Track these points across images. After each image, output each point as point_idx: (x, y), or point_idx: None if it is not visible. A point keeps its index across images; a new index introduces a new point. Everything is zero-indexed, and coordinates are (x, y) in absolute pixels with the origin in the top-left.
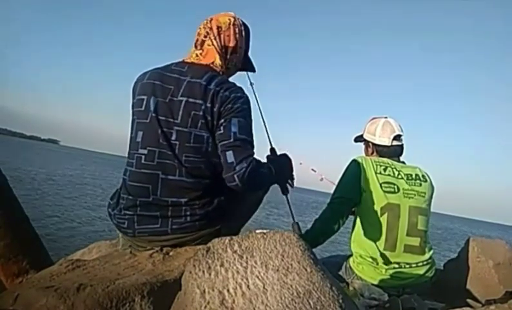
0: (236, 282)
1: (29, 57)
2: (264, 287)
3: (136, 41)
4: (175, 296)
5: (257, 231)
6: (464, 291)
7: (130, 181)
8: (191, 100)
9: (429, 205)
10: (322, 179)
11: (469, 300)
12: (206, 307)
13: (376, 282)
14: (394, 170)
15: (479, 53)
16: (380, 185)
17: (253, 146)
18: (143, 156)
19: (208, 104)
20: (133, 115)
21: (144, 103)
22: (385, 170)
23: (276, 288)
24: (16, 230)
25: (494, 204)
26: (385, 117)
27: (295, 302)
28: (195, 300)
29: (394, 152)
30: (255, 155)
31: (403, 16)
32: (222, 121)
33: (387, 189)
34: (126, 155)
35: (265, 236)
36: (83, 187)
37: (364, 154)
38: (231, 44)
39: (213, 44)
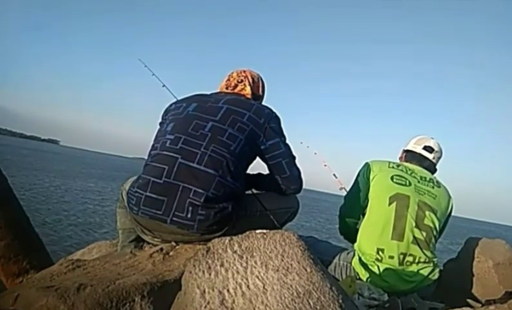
0: (236, 282)
1: (28, 55)
2: (264, 287)
3: (137, 39)
4: (175, 296)
5: (257, 231)
6: (464, 291)
7: (150, 162)
8: (233, 107)
9: (442, 215)
10: (341, 189)
11: (468, 300)
12: (206, 307)
13: (378, 283)
14: (408, 169)
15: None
16: (391, 177)
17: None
18: (168, 140)
19: (253, 115)
20: (166, 119)
21: (183, 107)
22: (398, 166)
23: (276, 288)
24: (16, 230)
25: (493, 204)
26: (432, 138)
27: (295, 302)
28: (195, 300)
29: (419, 159)
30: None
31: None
32: (270, 134)
33: (398, 181)
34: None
35: (265, 236)
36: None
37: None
38: (260, 93)
39: (245, 89)
